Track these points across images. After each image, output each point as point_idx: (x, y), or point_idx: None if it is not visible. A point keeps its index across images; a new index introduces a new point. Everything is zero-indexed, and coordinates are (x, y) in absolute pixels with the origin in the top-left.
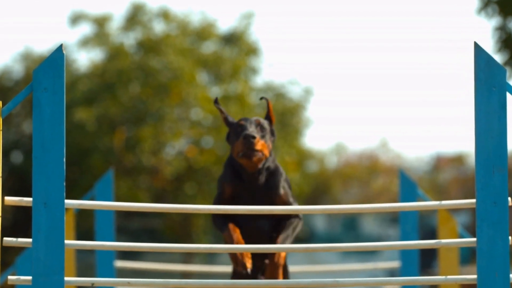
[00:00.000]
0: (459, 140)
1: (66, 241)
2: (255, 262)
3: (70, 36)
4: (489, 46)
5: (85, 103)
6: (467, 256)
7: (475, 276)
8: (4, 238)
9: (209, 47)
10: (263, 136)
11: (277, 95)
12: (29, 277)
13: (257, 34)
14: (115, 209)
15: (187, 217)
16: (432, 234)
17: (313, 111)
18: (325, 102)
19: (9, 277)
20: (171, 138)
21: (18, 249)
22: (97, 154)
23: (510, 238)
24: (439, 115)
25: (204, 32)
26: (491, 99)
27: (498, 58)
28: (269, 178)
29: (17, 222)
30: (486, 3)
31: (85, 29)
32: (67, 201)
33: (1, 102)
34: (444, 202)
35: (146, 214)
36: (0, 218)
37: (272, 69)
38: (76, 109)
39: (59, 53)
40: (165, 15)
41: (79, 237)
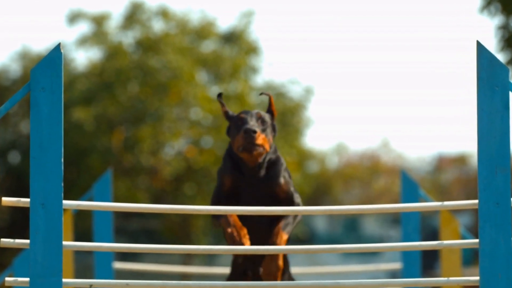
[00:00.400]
0: (461, 140)
1: (64, 242)
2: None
3: (68, 35)
4: (492, 45)
5: (83, 103)
6: (470, 257)
7: (478, 278)
8: (1, 239)
9: (209, 46)
10: (264, 130)
11: (278, 95)
12: (27, 279)
13: (257, 33)
14: (114, 210)
15: (187, 218)
16: (434, 235)
17: (314, 111)
18: (326, 102)
19: (7, 279)
20: (170, 138)
21: (16, 250)
22: (96, 154)
23: None
24: (441, 115)
25: (204, 31)
26: (494, 99)
27: (501, 57)
28: (270, 169)
29: (15, 223)
30: (489, 2)
31: (83, 28)
32: (65, 202)
33: None
34: (446, 203)
35: (145, 215)
36: None
37: (272, 68)
38: (74, 109)
39: (57, 52)
40: (164, 14)
41: (77, 238)
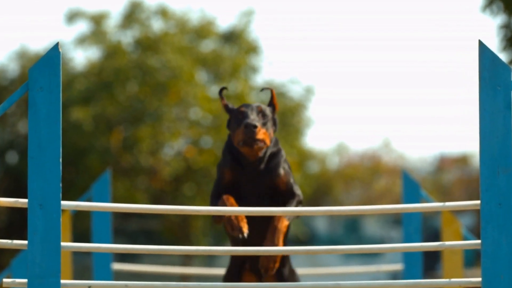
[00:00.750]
0: (463, 140)
1: (62, 243)
2: (255, 239)
3: (67, 34)
4: (494, 45)
5: (82, 102)
6: (472, 259)
7: (480, 279)
8: None
9: (208, 46)
10: (265, 124)
11: (278, 94)
12: (25, 280)
13: (257, 32)
14: (113, 210)
15: (186, 219)
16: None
17: (314, 111)
18: (327, 102)
19: (4, 280)
20: (170, 138)
21: (13, 251)
22: (94, 154)
23: None
24: (443, 115)
25: (203, 30)
26: (496, 99)
27: (503, 57)
28: (270, 161)
29: (12, 224)
30: (491, 1)
31: (82, 27)
32: (64, 202)
33: None
34: (448, 204)
35: (144, 216)
36: None
37: (273, 68)
38: (73, 109)
39: (55, 52)
40: (163, 13)
41: (76, 239)
